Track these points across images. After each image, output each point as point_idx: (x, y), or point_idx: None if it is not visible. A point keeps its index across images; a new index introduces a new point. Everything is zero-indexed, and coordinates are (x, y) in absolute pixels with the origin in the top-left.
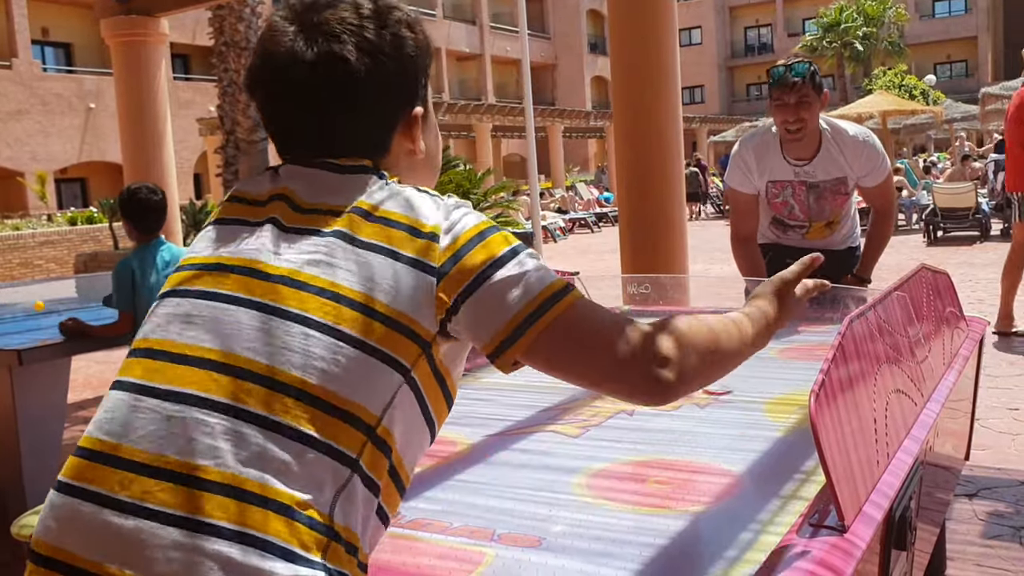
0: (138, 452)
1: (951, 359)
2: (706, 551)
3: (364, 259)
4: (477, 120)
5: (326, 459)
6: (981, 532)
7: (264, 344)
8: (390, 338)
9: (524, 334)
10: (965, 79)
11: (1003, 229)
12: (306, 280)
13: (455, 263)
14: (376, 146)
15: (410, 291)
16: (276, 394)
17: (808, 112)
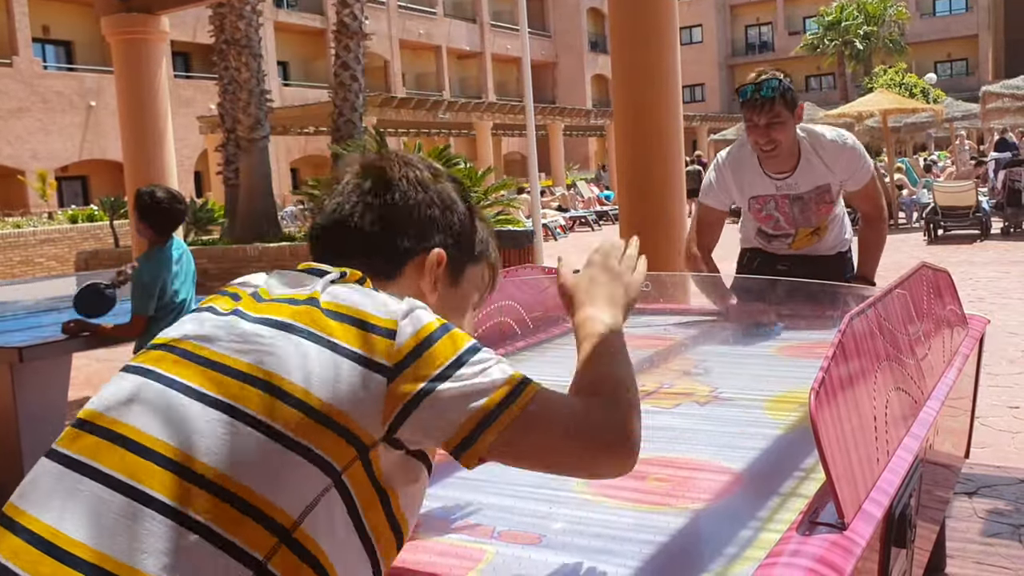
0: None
1: (951, 357)
2: (706, 548)
3: (304, 350)
4: (477, 118)
5: (221, 557)
6: (981, 530)
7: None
8: (319, 434)
9: (481, 435)
10: (966, 77)
11: (1003, 227)
12: (238, 368)
13: (412, 362)
14: (386, 265)
15: (353, 388)
16: (187, 484)
17: (782, 132)
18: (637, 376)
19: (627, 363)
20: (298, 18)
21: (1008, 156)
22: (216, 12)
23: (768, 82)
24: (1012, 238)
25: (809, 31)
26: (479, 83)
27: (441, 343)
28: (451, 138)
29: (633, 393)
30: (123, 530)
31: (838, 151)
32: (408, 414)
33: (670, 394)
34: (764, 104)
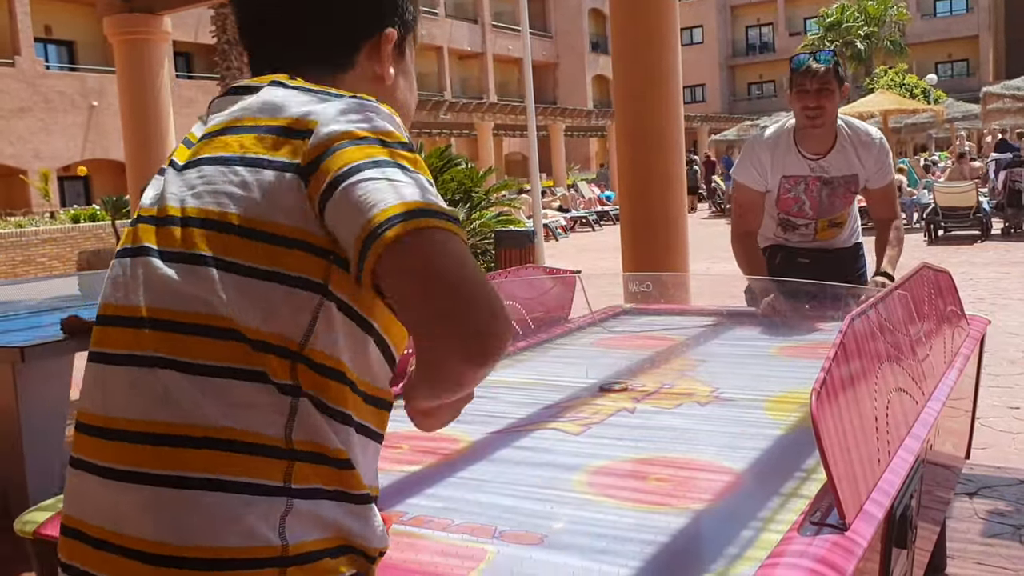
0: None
1: (952, 358)
2: (707, 549)
3: (242, 178)
4: (479, 119)
5: (259, 390)
6: (981, 530)
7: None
8: (285, 257)
9: (373, 244)
10: (966, 78)
11: (1004, 228)
12: (195, 215)
13: (324, 159)
14: (338, 56)
15: (290, 199)
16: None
17: (829, 101)
18: (637, 376)
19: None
20: None
21: (1008, 157)
22: (218, 12)
23: (824, 52)
24: (1013, 239)
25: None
26: (480, 83)
27: (356, 148)
28: (452, 138)
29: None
30: (164, 395)
31: (870, 145)
32: (323, 212)
33: (671, 394)
34: (816, 71)
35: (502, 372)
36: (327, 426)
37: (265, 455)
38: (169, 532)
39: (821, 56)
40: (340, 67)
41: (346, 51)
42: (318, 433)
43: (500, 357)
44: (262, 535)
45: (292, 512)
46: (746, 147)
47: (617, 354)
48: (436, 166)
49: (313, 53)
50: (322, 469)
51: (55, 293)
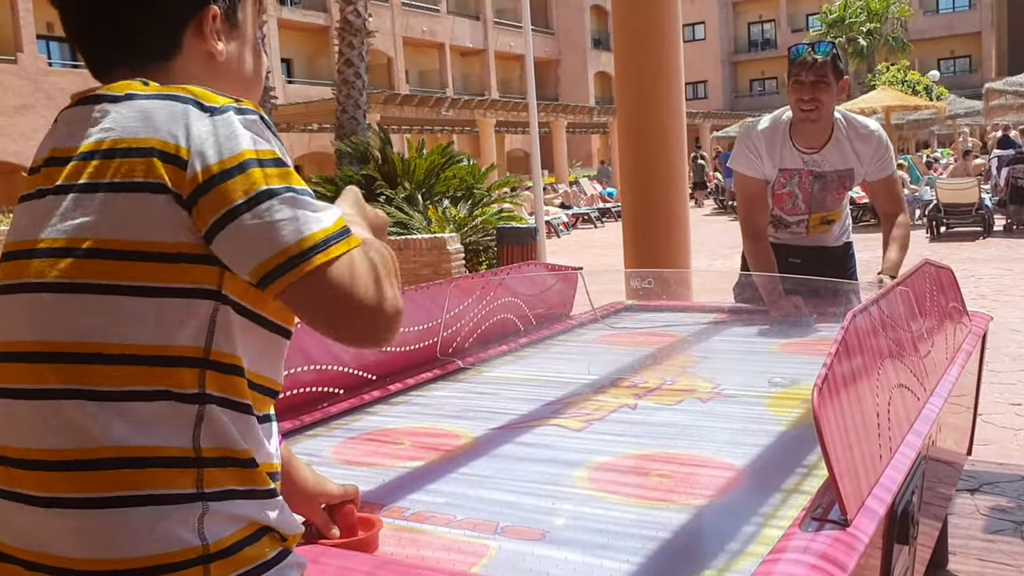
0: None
1: (954, 354)
2: (708, 544)
3: (115, 204)
4: (480, 115)
5: (165, 406)
6: (983, 527)
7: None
8: (173, 272)
9: (274, 281)
10: (969, 75)
11: (1006, 225)
12: (68, 246)
13: (206, 192)
14: (162, 44)
15: (169, 220)
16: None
17: (825, 94)
18: (639, 373)
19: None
20: (302, 15)
21: (1011, 153)
22: None
23: (823, 44)
24: (1015, 235)
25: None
26: (482, 80)
27: (234, 181)
28: (454, 135)
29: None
30: (74, 424)
31: (868, 138)
32: (212, 238)
33: (672, 390)
34: (814, 62)
35: (504, 368)
36: (233, 426)
37: (175, 466)
38: (95, 549)
39: (820, 47)
40: (167, 54)
41: (168, 38)
42: (225, 436)
43: (389, 341)
44: (182, 539)
45: (208, 514)
46: (740, 137)
47: (619, 350)
48: (438, 163)
49: (141, 46)
50: (232, 472)
51: None
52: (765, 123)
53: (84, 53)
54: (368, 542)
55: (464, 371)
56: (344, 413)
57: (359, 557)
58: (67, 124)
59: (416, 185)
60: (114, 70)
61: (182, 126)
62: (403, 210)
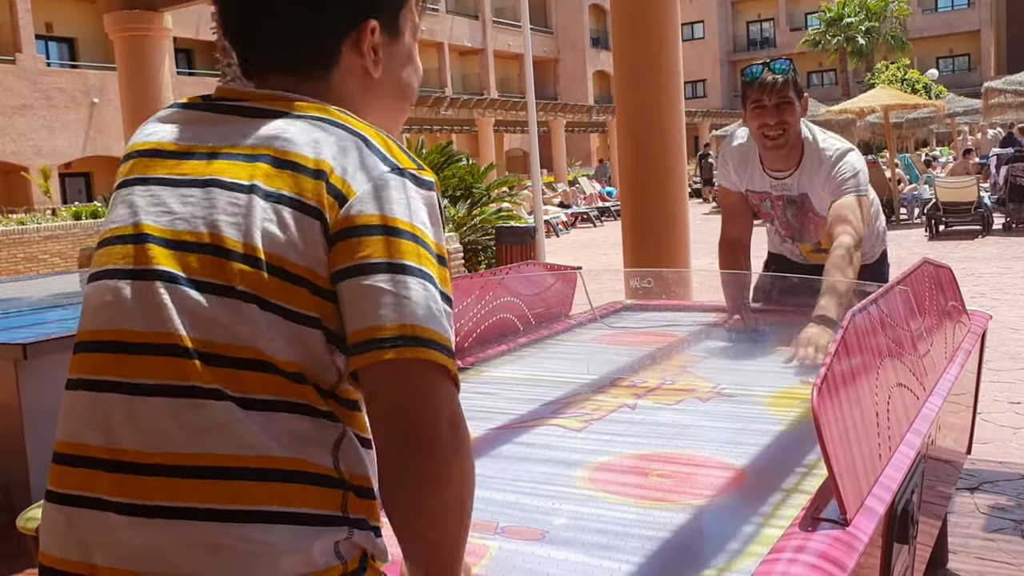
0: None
1: (953, 353)
2: (708, 544)
3: (270, 214)
4: (479, 114)
5: (307, 421)
6: (983, 525)
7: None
8: (312, 302)
9: (361, 355)
10: (967, 73)
11: (1005, 223)
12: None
13: (345, 238)
14: (324, 52)
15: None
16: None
17: (790, 115)
18: (639, 372)
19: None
20: None
21: (1010, 152)
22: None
23: (779, 62)
24: (1014, 234)
25: (811, 27)
26: (481, 79)
27: (386, 240)
28: (453, 134)
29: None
30: (218, 427)
31: (822, 162)
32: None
33: (672, 390)
34: (775, 83)
35: (503, 368)
36: (364, 455)
37: (322, 485)
38: (231, 570)
39: (776, 65)
40: (326, 65)
41: (330, 48)
42: (359, 463)
43: (436, 468)
44: (323, 561)
45: (349, 539)
46: (720, 150)
47: (618, 350)
48: (437, 162)
49: (303, 53)
50: (363, 502)
51: (57, 290)
52: (739, 139)
53: (241, 54)
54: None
55: (463, 371)
56: None
57: None
58: (193, 123)
59: None
60: (270, 76)
61: (353, 162)
62: None
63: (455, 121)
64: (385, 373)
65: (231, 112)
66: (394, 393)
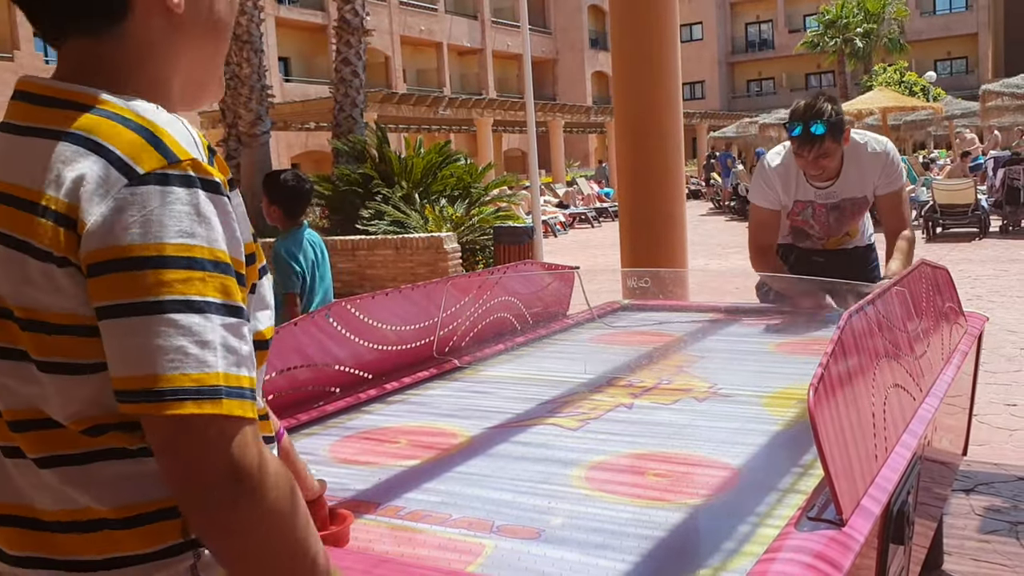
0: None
1: (949, 354)
2: (704, 544)
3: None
4: (478, 114)
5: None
6: (978, 527)
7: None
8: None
9: (127, 405)
10: (965, 76)
11: (1002, 226)
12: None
13: (92, 275)
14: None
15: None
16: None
17: (829, 161)
18: (636, 372)
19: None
20: (299, 14)
21: (1007, 154)
22: None
23: (817, 122)
24: (1011, 236)
25: (809, 29)
26: (480, 79)
27: (130, 276)
28: (452, 134)
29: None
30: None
31: (874, 156)
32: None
33: (669, 390)
34: (815, 141)
35: (500, 367)
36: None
37: (164, 519)
38: None
39: (815, 127)
40: (117, 11)
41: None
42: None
43: (227, 526)
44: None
45: (202, 561)
46: (757, 171)
47: (615, 350)
48: (435, 162)
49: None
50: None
51: None
52: (778, 159)
53: (29, 17)
54: (340, 536)
55: (460, 370)
56: (340, 412)
57: (355, 555)
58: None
59: (413, 184)
60: (67, 41)
61: (78, 180)
62: (400, 209)
63: (453, 121)
64: (165, 429)
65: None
66: (157, 449)
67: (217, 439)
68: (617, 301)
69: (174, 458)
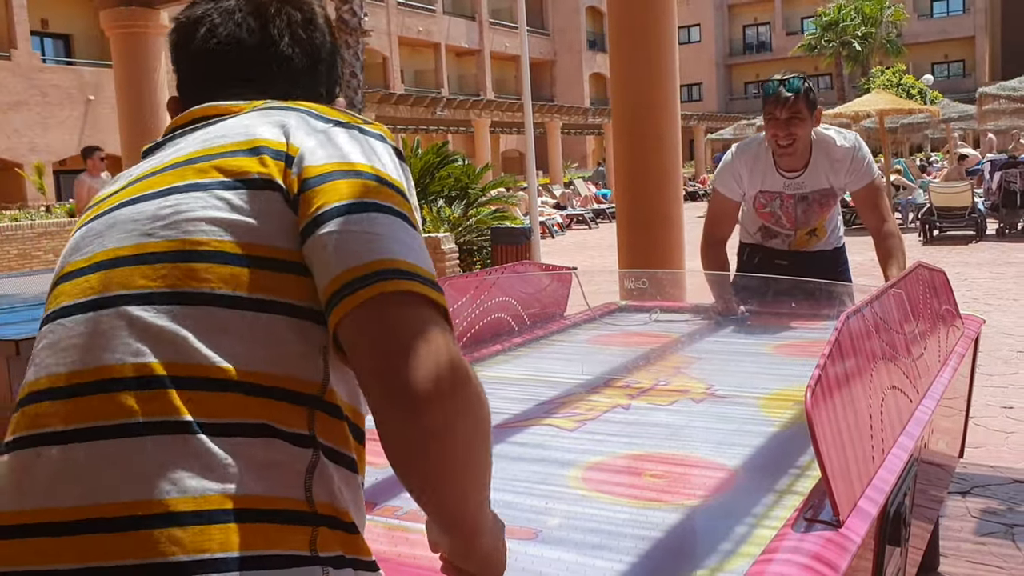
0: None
1: (946, 357)
2: (701, 544)
3: (226, 200)
4: (476, 115)
5: (272, 448)
6: (974, 529)
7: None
8: (287, 283)
9: (342, 300)
10: (962, 79)
11: (999, 229)
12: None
13: (304, 191)
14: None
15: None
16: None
17: (800, 128)
18: (633, 373)
19: (485, 465)
20: None
21: (1004, 157)
22: None
23: (793, 80)
24: (1007, 239)
25: (807, 31)
26: (477, 80)
27: (346, 181)
28: (449, 135)
29: (468, 451)
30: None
31: (843, 154)
32: (302, 244)
33: (666, 391)
34: (787, 99)
35: (497, 368)
36: (340, 482)
37: (291, 522)
38: None
39: (790, 84)
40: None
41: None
42: (333, 494)
43: (439, 419)
44: None
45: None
46: (725, 158)
47: (613, 351)
48: (433, 162)
49: (277, 92)
50: (337, 535)
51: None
52: (748, 148)
53: (210, 72)
54: None
55: None
56: None
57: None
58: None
59: None
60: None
61: (294, 126)
62: None
63: (451, 122)
64: (362, 319)
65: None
66: (374, 337)
67: (438, 326)
68: (615, 302)
69: (389, 343)
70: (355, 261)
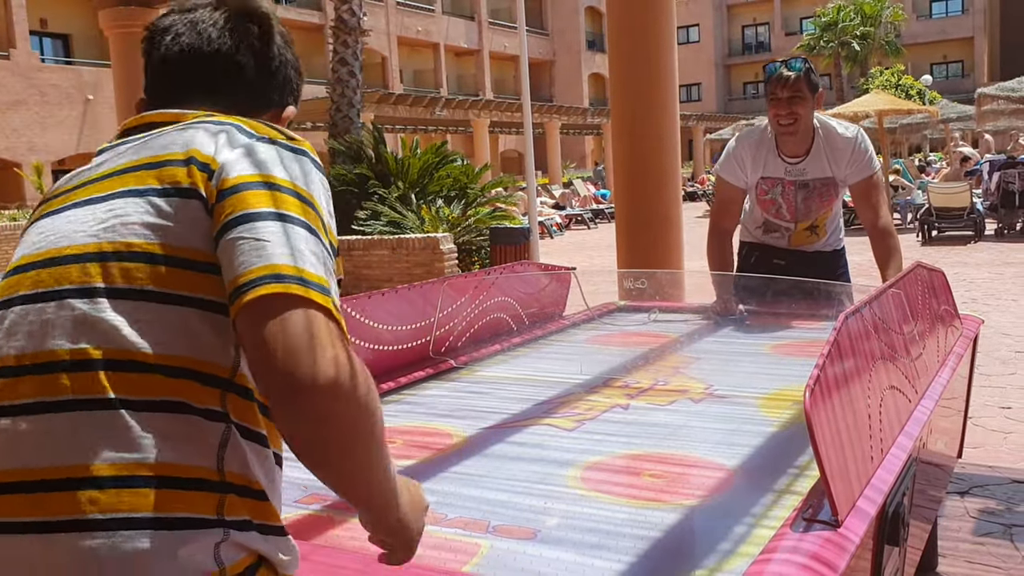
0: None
1: (945, 357)
2: (700, 544)
3: (157, 207)
4: (475, 116)
5: (189, 423)
6: (972, 529)
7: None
8: (204, 282)
9: (235, 301)
10: (961, 79)
11: (997, 229)
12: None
13: (219, 201)
14: (247, 108)
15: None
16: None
17: (801, 107)
18: (632, 373)
19: (380, 449)
20: (296, 14)
21: (1002, 158)
22: None
23: (795, 61)
24: (1006, 239)
25: (806, 32)
26: (476, 80)
27: (251, 192)
28: (448, 135)
29: (357, 433)
30: (103, 436)
31: (845, 143)
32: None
33: (665, 391)
34: (788, 79)
35: (496, 367)
36: (252, 454)
37: (201, 489)
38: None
39: (792, 64)
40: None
41: (255, 112)
42: (245, 465)
43: (318, 407)
44: (201, 563)
45: (227, 542)
46: (730, 144)
47: (611, 351)
48: (432, 162)
49: (225, 99)
50: (246, 502)
51: None
52: (751, 135)
53: (165, 80)
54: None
55: (457, 370)
56: None
57: (350, 555)
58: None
59: (410, 184)
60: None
61: (221, 141)
62: (396, 209)
63: (450, 122)
64: (245, 319)
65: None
66: (254, 335)
67: (325, 328)
68: (613, 302)
69: (276, 337)
70: (245, 267)
